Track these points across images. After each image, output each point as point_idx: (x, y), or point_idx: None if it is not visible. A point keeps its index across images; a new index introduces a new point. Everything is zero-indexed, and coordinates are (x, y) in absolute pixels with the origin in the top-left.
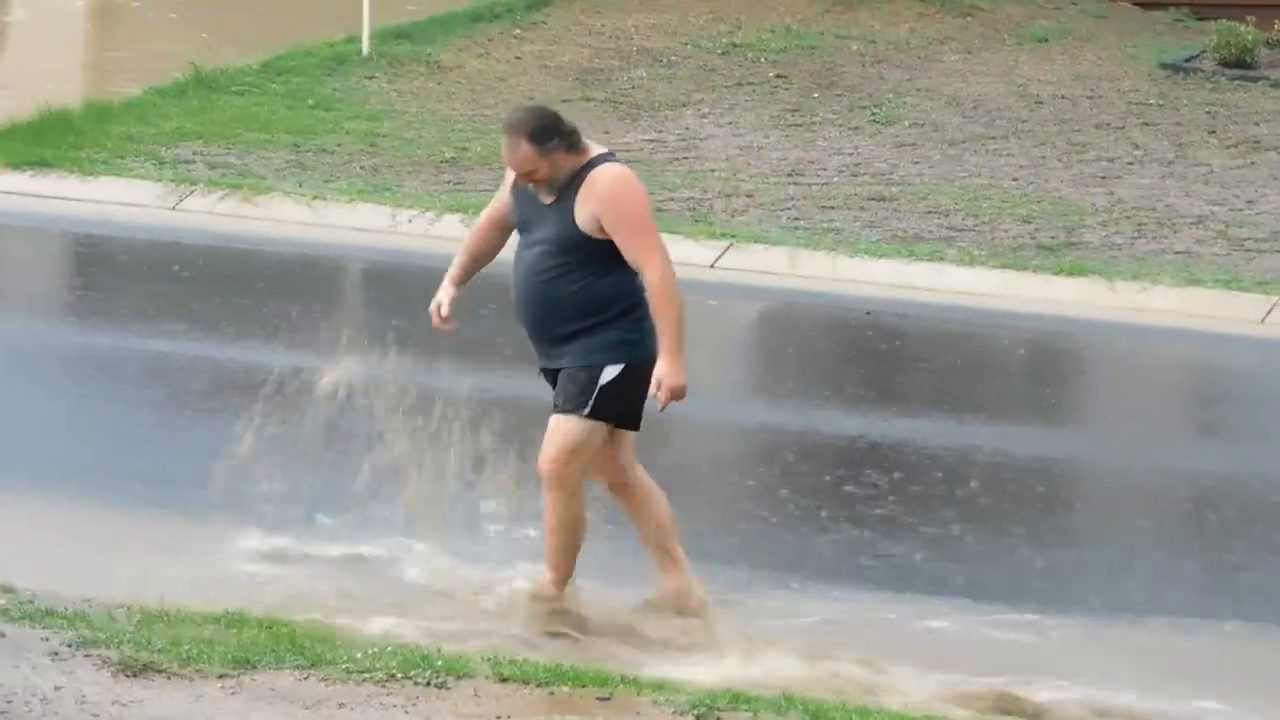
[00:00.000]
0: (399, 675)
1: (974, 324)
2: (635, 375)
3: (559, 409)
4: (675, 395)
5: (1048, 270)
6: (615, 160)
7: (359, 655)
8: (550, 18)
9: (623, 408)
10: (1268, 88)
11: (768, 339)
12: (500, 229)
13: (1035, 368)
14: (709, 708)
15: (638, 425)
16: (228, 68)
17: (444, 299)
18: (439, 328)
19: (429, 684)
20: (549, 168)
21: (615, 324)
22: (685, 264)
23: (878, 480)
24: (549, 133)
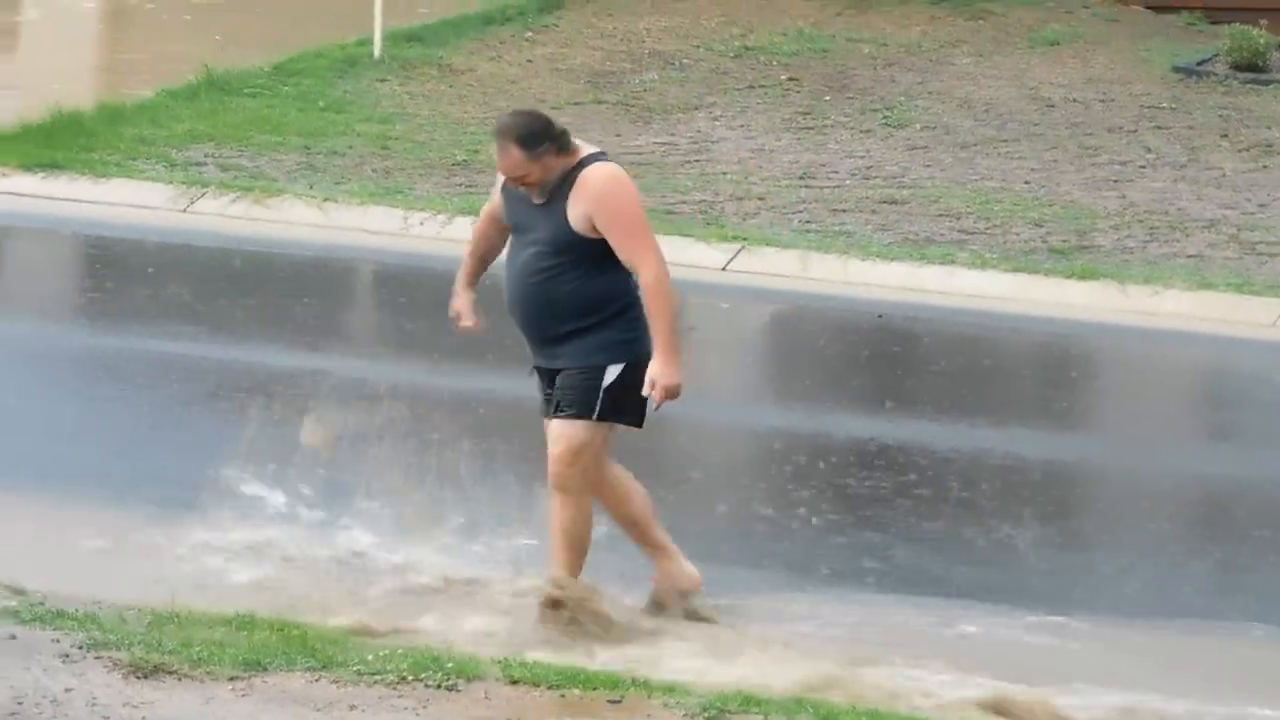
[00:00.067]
0: (410, 677)
1: (986, 327)
2: (636, 374)
3: (562, 413)
4: (670, 394)
5: (1059, 274)
6: (606, 159)
7: (370, 657)
8: (562, 20)
9: (627, 407)
10: None
11: (779, 342)
12: (499, 227)
13: (1047, 371)
14: (720, 710)
15: (641, 423)
16: (239, 70)
17: (462, 307)
18: (465, 331)
19: (439, 686)
20: (540, 171)
21: (611, 324)
22: (697, 267)
23: (889, 483)
24: (539, 137)
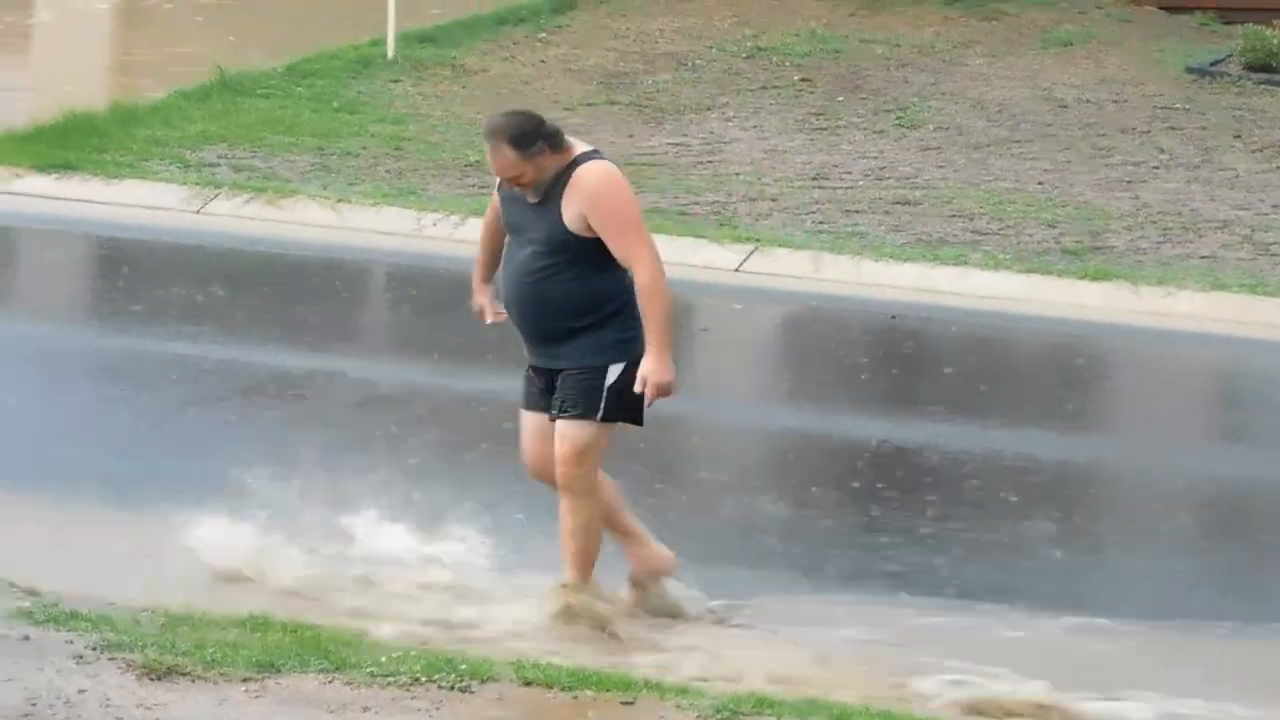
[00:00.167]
0: (423, 679)
1: (999, 328)
2: (637, 372)
3: (565, 414)
4: (662, 391)
5: (1073, 275)
6: (601, 157)
7: (383, 659)
8: (575, 21)
9: (629, 405)
10: None
11: (792, 343)
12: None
13: (1060, 372)
14: (733, 712)
15: (642, 420)
16: (253, 71)
17: (482, 303)
18: (491, 323)
19: (453, 688)
20: (534, 171)
21: (610, 323)
22: (709, 268)
23: (901, 484)
24: (531, 137)
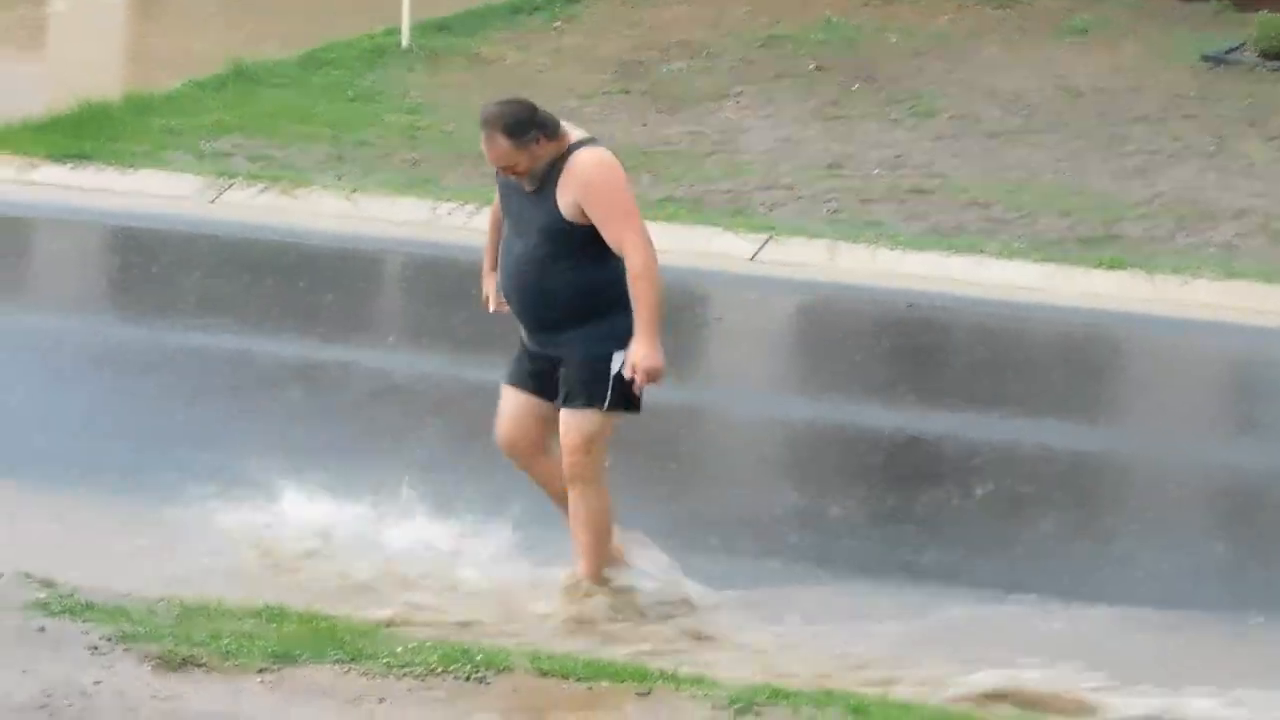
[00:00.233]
0: (439, 670)
1: (1013, 317)
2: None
3: (570, 404)
4: (651, 377)
5: (1087, 264)
6: (596, 144)
7: (399, 650)
8: (589, 10)
9: (632, 394)
10: None
11: (807, 332)
12: None
13: (1075, 361)
14: (748, 702)
15: (639, 408)
16: (267, 60)
17: (491, 290)
18: (494, 311)
19: (469, 678)
20: (528, 160)
21: (610, 311)
22: (725, 256)
23: (917, 473)
24: (526, 125)
